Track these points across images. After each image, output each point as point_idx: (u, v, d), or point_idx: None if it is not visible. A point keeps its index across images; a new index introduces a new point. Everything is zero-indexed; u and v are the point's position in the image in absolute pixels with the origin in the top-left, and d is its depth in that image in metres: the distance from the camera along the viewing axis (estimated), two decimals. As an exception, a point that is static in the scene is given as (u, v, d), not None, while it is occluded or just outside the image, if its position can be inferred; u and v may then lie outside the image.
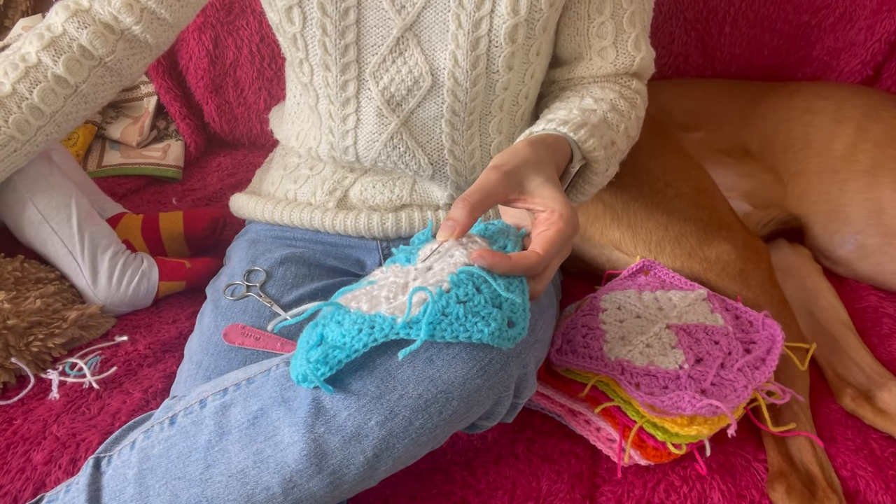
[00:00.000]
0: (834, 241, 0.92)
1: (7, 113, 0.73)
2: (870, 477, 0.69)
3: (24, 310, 0.78)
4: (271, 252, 0.80)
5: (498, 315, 0.51)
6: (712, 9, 1.11)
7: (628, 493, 0.68)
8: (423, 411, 0.54)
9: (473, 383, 0.54)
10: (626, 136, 0.72)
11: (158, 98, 1.27)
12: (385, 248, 0.82)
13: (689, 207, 0.85)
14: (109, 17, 0.75)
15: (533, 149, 0.60)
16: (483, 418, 0.61)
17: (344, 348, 0.52)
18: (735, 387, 0.67)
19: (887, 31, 1.05)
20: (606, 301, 0.77)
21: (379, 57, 0.71)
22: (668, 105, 1.04)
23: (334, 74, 0.72)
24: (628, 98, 0.73)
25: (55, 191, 0.86)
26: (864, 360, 0.81)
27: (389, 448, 0.54)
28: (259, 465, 0.55)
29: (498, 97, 0.74)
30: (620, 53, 0.75)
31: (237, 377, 0.61)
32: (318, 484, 0.54)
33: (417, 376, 0.53)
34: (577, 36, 0.75)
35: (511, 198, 0.57)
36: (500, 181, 0.56)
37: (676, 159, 0.90)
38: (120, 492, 0.58)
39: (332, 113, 0.75)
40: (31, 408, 0.74)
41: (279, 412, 0.56)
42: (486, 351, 0.54)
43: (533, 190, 0.57)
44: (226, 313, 0.74)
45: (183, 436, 0.58)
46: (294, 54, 0.73)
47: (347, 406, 0.54)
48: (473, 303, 0.51)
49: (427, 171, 0.76)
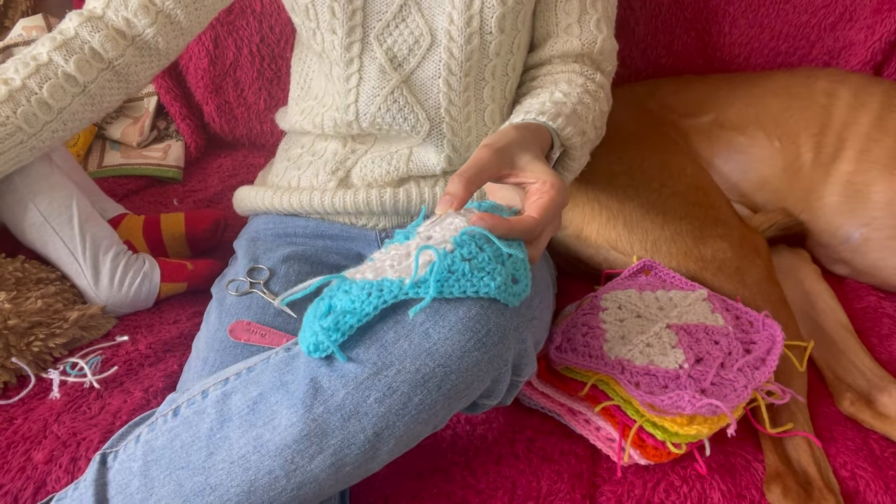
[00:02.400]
0: (839, 233, 0.91)
1: (16, 105, 0.74)
2: (869, 477, 0.69)
3: (25, 310, 0.78)
4: (273, 251, 0.81)
5: (502, 270, 0.53)
6: (712, 9, 1.12)
7: (628, 493, 0.68)
8: (422, 386, 0.53)
9: (472, 356, 0.54)
10: (594, 128, 0.77)
11: (158, 98, 1.27)
12: (383, 239, 0.84)
13: (684, 206, 0.85)
14: (122, 22, 0.78)
15: (519, 131, 0.65)
16: (483, 396, 0.61)
17: (355, 313, 0.53)
18: (735, 386, 0.67)
19: (887, 30, 1.05)
20: (607, 300, 0.77)
21: (383, 22, 0.76)
22: (669, 98, 1.03)
23: (340, 37, 0.76)
24: (591, 92, 0.78)
25: (56, 192, 0.86)
26: (863, 363, 0.80)
27: (390, 426, 0.54)
28: (259, 449, 0.55)
29: (491, 62, 0.79)
30: (584, 31, 0.82)
31: (239, 367, 0.61)
32: (321, 465, 0.54)
33: (414, 350, 0.53)
34: (546, 13, 0.82)
35: (503, 173, 0.61)
36: (492, 157, 0.60)
37: (672, 157, 0.90)
38: (126, 485, 0.58)
39: (337, 75, 0.79)
40: (31, 407, 0.74)
41: (278, 395, 0.56)
42: (482, 323, 0.54)
43: (524, 165, 0.62)
44: (230, 310, 0.75)
45: (186, 426, 0.58)
46: (308, 26, 0.78)
47: (345, 384, 0.54)
48: (478, 260, 0.53)
49: (424, 127, 0.79)
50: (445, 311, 0.54)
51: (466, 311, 0.54)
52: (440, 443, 0.73)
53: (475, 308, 0.54)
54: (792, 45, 1.12)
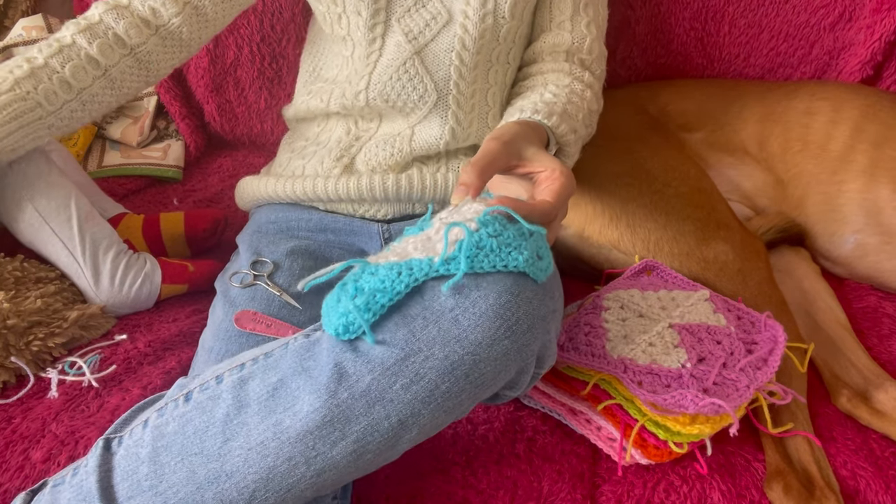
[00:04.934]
0: (834, 241, 0.92)
1: (37, 82, 0.75)
2: (870, 477, 0.69)
3: (24, 309, 0.78)
4: (276, 244, 0.81)
5: (529, 245, 0.55)
6: (712, 9, 1.12)
7: (628, 493, 0.68)
8: (450, 374, 0.53)
9: (502, 345, 0.54)
10: (584, 126, 0.80)
11: (158, 98, 1.27)
12: (386, 233, 0.84)
13: (687, 207, 0.85)
14: (148, 11, 0.80)
15: (521, 126, 0.69)
16: (507, 388, 0.61)
17: (385, 292, 0.54)
18: (737, 386, 0.67)
19: (887, 30, 1.05)
20: (609, 300, 0.77)
21: (405, 7, 0.81)
22: (668, 107, 1.05)
23: (364, 18, 0.81)
24: (578, 92, 0.82)
25: (54, 191, 0.85)
26: (860, 361, 0.81)
27: (415, 414, 0.53)
28: (279, 435, 0.54)
29: (499, 45, 0.84)
30: (575, 29, 0.87)
31: (254, 353, 0.60)
32: (342, 452, 0.54)
33: (444, 337, 0.53)
34: (542, 9, 0.87)
35: (511, 164, 0.64)
36: (501, 149, 0.63)
37: (675, 159, 0.91)
38: (133, 471, 0.57)
39: (359, 55, 0.83)
40: (30, 406, 0.74)
41: (299, 381, 0.55)
42: (513, 311, 0.54)
43: (531, 156, 0.64)
44: (235, 301, 0.75)
45: (199, 411, 0.57)
46: (333, 10, 0.83)
47: (371, 370, 0.53)
48: (504, 236, 0.55)
49: (431, 98, 0.82)
50: (476, 297, 0.54)
51: (497, 299, 0.53)
52: (441, 442, 0.73)
53: (505, 296, 0.54)
54: (791, 45, 1.12)
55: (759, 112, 1.01)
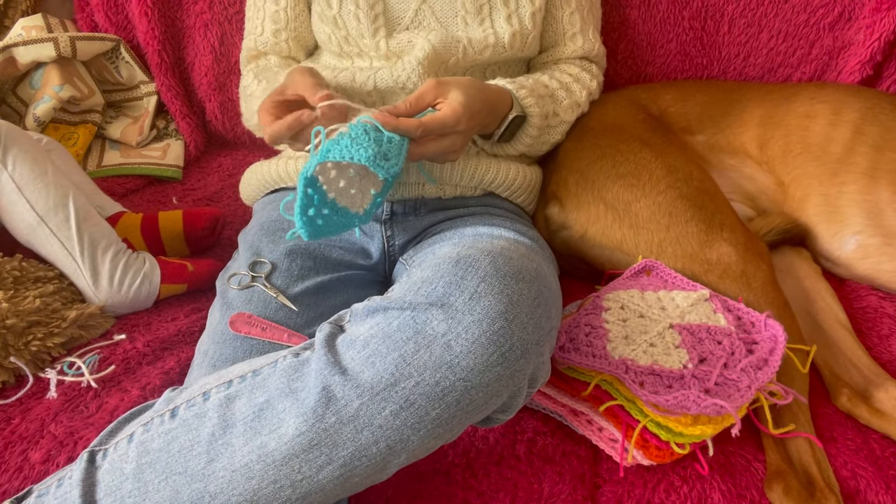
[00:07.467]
0: (835, 242, 0.92)
1: None
2: (870, 477, 0.69)
3: (23, 309, 0.78)
4: (276, 244, 0.81)
5: (374, 147, 0.65)
6: (712, 9, 1.12)
7: (629, 493, 0.68)
8: (440, 400, 0.52)
9: (494, 371, 0.53)
10: (571, 109, 0.91)
11: (158, 98, 1.27)
12: (388, 233, 0.84)
13: (690, 209, 0.85)
14: (279, 60, 0.95)
15: (472, 81, 0.75)
16: (499, 411, 0.60)
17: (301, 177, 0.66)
18: (739, 387, 0.67)
19: (886, 30, 1.05)
20: (609, 300, 0.77)
21: (402, 25, 0.88)
22: (670, 108, 1.05)
23: (368, 28, 0.87)
24: (581, 80, 0.93)
25: (52, 191, 0.85)
26: (860, 360, 0.81)
27: (404, 440, 0.53)
28: (264, 458, 0.53)
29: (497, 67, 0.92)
30: (585, 40, 0.97)
31: (242, 369, 0.60)
32: (328, 476, 0.53)
33: (435, 363, 0.52)
34: (554, 23, 0.95)
35: (437, 102, 0.72)
36: (432, 85, 0.72)
37: (678, 161, 0.91)
38: (116, 487, 0.56)
39: (367, 54, 0.90)
40: (29, 407, 0.74)
41: (286, 402, 0.54)
42: (506, 337, 0.53)
43: (450, 97, 0.71)
44: (232, 303, 0.75)
45: (185, 429, 0.56)
46: (338, 34, 0.89)
47: (360, 395, 0.52)
48: (360, 139, 0.65)
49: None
50: (468, 322, 0.53)
51: (490, 325, 0.53)
52: (441, 443, 0.73)
53: (499, 321, 0.53)
54: (791, 45, 1.12)
55: (759, 115, 1.01)
